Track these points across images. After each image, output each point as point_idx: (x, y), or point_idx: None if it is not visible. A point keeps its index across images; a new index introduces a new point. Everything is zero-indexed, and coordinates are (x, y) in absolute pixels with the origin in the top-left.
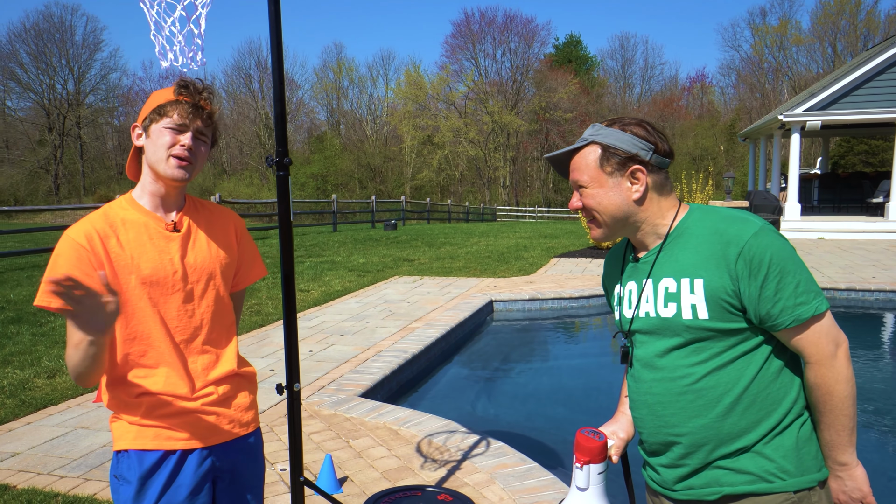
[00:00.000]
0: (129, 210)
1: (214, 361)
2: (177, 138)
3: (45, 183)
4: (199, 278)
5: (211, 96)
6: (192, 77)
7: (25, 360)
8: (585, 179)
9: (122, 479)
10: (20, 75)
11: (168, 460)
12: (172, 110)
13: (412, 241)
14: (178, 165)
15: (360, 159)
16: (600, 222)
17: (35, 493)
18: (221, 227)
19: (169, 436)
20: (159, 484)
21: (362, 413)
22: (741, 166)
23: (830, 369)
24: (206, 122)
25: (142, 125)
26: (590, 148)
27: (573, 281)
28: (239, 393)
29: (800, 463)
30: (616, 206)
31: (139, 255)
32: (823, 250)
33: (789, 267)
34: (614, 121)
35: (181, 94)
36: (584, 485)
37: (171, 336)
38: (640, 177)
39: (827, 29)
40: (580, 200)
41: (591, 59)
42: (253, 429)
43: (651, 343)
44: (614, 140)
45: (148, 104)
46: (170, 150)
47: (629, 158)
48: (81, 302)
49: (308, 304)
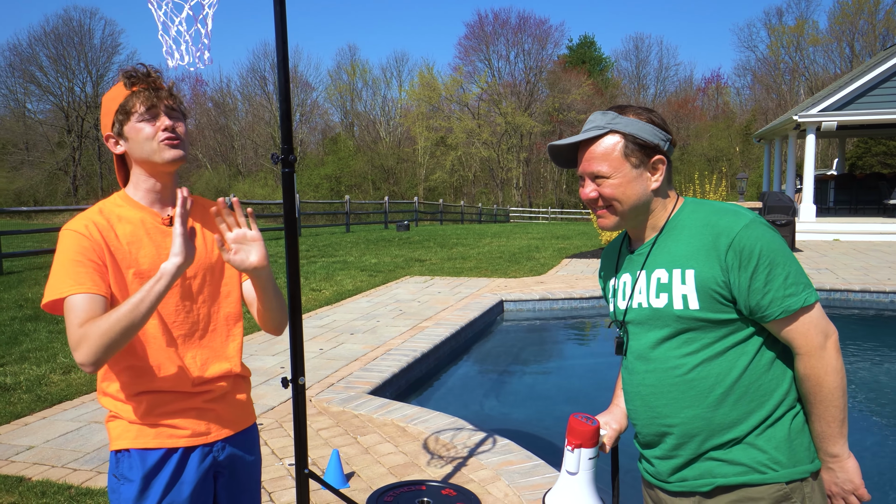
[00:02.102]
0: (123, 206)
1: (213, 357)
2: (154, 125)
3: (63, 184)
4: (196, 273)
5: (160, 74)
6: (135, 65)
7: (42, 357)
8: (606, 170)
9: (124, 479)
10: (40, 78)
11: (171, 458)
12: (134, 103)
13: (424, 241)
14: (171, 145)
15: (374, 160)
16: (618, 211)
17: (49, 485)
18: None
19: (171, 433)
20: (163, 482)
21: (370, 410)
22: (756, 167)
23: (820, 360)
24: (170, 98)
25: (114, 132)
26: (610, 137)
27: (584, 281)
28: (236, 388)
29: (792, 454)
30: (638, 196)
31: (136, 250)
32: (839, 252)
33: (779, 259)
34: (625, 108)
35: (133, 84)
36: (574, 469)
37: (169, 332)
38: (661, 167)
39: (845, 29)
40: (595, 191)
41: (605, 59)
42: (250, 423)
43: (644, 334)
44: (637, 129)
45: (106, 110)
46: (155, 138)
47: (652, 149)
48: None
49: (319, 303)
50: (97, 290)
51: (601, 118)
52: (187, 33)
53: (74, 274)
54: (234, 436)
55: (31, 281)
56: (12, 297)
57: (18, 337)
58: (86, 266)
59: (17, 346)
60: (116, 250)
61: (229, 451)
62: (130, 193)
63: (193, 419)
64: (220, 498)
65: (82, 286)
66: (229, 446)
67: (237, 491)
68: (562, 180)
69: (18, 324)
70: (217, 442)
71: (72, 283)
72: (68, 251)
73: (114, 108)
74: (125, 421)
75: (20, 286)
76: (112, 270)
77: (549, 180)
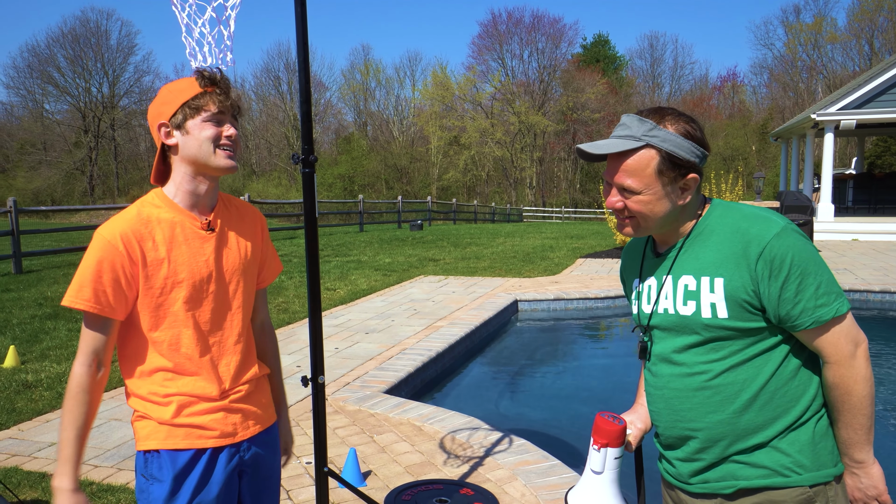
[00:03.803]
0: (162, 208)
1: (243, 361)
2: (219, 129)
3: (80, 184)
4: (231, 279)
5: (229, 82)
6: (210, 68)
7: (62, 355)
8: (636, 185)
9: (153, 479)
10: (57, 79)
11: (200, 459)
12: (207, 102)
13: (438, 241)
14: (228, 156)
15: (387, 160)
16: (642, 225)
17: None
18: (250, 225)
19: (200, 434)
20: (193, 482)
21: (386, 409)
22: (773, 167)
23: (850, 369)
24: (237, 107)
25: (171, 122)
26: (645, 151)
27: (599, 281)
28: (259, 389)
29: (816, 457)
30: (665, 212)
31: (174, 257)
32: (857, 252)
33: (810, 268)
34: (663, 115)
35: (207, 84)
36: (600, 468)
37: (203, 337)
38: (692, 184)
39: (864, 26)
40: (622, 202)
41: (620, 58)
42: (272, 423)
43: (669, 339)
44: (674, 147)
45: (169, 100)
46: (216, 142)
47: (687, 168)
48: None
49: (334, 302)
50: (110, 313)
51: (638, 126)
52: (210, 35)
53: (95, 290)
54: (258, 434)
55: (50, 280)
56: (32, 296)
57: (39, 335)
58: (110, 285)
59: (38, 344)
60: (153, 260)
61: (254, 450)
62: (169, 194)
63: (221, 420)
64: (243, 495)
65: (97, 305)
66: (254, 445)
67: (260, 488)
68: (575, 180)
69: (39, 322)
70: (243, 442)
71: (90, 297)
72: (98, 260)
73: (180, 99)
74: (154, 422)
75: (39, 284)
76: (142, 280)
77: (563, 180)
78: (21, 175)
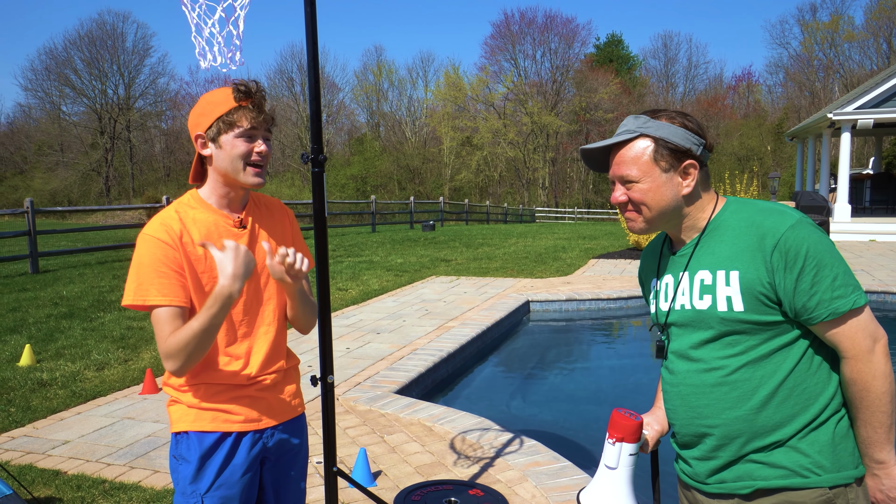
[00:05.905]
0: (197, 208)
1: (272, 351)
2: (250, 146)
3: (96, 185)
4: (262, 272)
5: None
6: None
7: (76, 354)
8: (635, 174)
9: (182, 459)
10: (74, 81)
11: (225, 441)
12: (240, 118)
13: (450, 241)
14: (255, 174)
15: (400, 161)
16: (646, 216)
17: (84, 478)
18: (279, 220)
19: (226, 418)
20: (217, 463)
21: (397, 409)
22: (789, 167)
23: (867, 364)
24: (270, 122)
25: (207, 135)
26: (640, 141)
27: (611, 282)
28: (288, 379)
29: (836, 459)
30: (667, 201)
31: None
32: (875, 252)
33: (826, 260)
34: (658, 112)
35: (242, 98)
36: (614, 463)
37: (233, 328)
38: (692, 172)
39: (882, 24)
40: (625, 195)
41: (633, 58)
42: (299, 412)
43: (686, 335)
44: (668, 133)
45: (206, 111)
46: (245, 160)
47: (683, 153)
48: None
49: (346, 302)
50: (179, 302)
51: (633, 122)
52: (220, 35)
53: (159, 284)
54: (284, 423)
55: (66, 279)
56: (48, 295)
57: (54, 334)
58: (168, 277)
59: (53, 343)
60: (192, 254)
61: (278, 437)
62: (204, 195)
63: (246, 406)
64: (264, 482)
65: (166, 297)
66: (278, 433)
67: (281, 475)
68: (588, 180)
69: (54, 321)
70: (267, 429)
71: (156, 294)
72: (151, 258)
73: (216, 112)
74: (184, 405)
75: (55, 284)
76: (189, 274)
77: (576, 180)
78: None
